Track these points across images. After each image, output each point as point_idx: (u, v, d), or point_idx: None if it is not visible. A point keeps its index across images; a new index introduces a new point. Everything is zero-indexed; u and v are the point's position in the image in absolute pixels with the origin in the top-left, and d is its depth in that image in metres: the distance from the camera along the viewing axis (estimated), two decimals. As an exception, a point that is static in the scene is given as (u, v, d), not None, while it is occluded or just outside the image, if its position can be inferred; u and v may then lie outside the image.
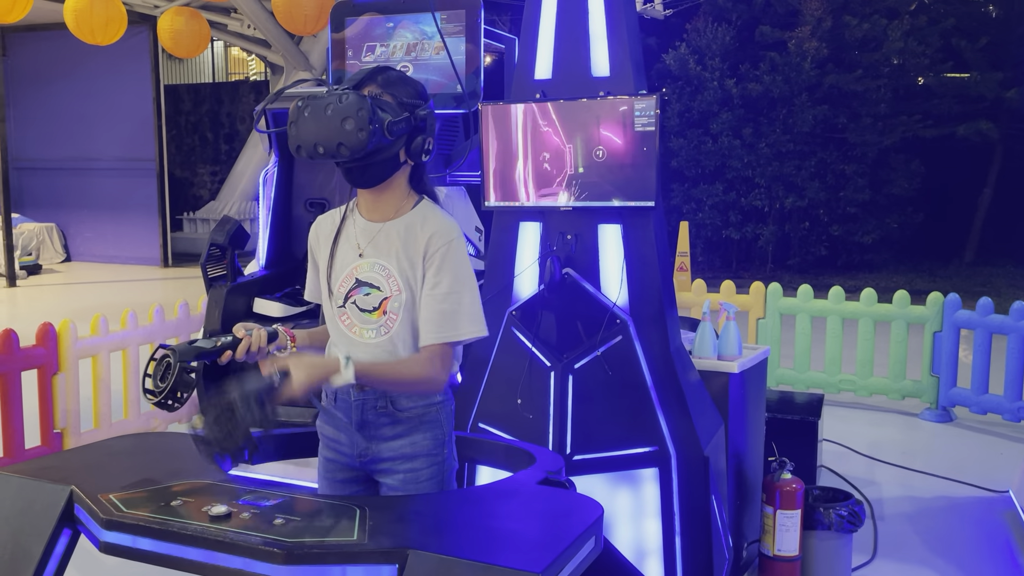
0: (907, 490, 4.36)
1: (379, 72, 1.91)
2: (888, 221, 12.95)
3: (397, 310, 1.91)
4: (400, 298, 1.91)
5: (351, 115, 1.79)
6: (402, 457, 1.95)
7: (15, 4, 7.42)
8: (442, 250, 1.89)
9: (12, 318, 9.12)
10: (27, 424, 4.14)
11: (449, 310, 1.88)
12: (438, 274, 1.89)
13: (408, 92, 1.92)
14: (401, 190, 1.97)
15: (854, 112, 12.78)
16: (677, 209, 13.04)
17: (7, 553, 1.65)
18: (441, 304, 1.88)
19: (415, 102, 1.92)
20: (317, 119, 1.80)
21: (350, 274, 1.96)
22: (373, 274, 1.94)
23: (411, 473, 1.95)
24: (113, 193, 13.89)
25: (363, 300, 1.94)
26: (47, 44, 13.65)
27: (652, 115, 2.67)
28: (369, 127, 1.79)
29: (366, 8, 4.66)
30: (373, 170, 1.90)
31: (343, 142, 1.79)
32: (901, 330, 5.60)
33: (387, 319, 1.92)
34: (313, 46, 12.83)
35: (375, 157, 1.87)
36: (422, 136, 1.92)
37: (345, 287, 1.96)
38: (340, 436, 2.01)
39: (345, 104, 1.79)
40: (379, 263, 1.94)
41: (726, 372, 3.13)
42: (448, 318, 1.87)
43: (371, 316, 1.93)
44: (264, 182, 4.52)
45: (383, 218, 1.96)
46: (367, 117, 1.79)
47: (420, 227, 1.93)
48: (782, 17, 13.29)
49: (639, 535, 2.83)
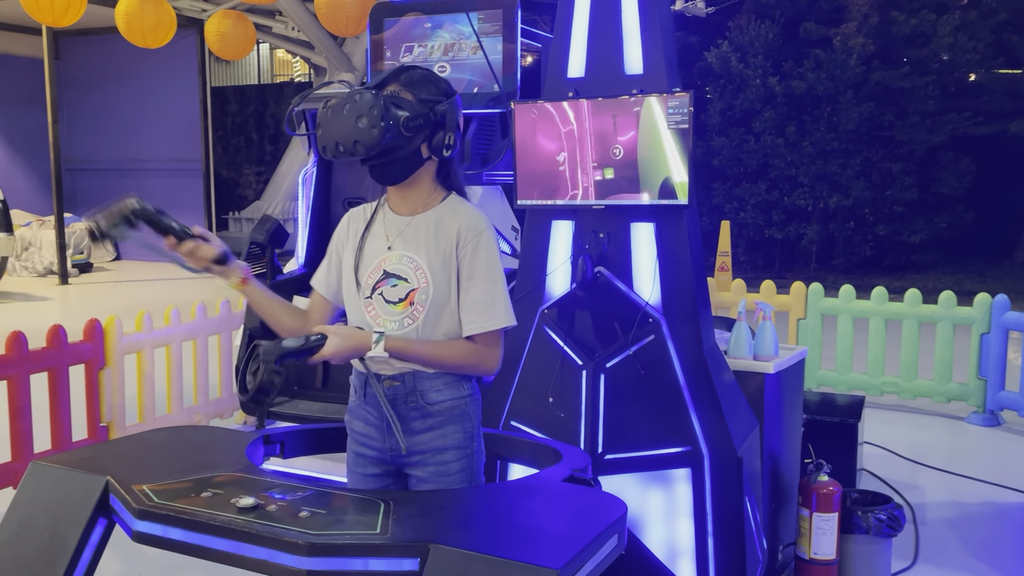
0: (951, 495, 4.26)
1: (403, 71, 1.95)
2: (937, 220, 12.67)
3: (424, 302, 1.94)
4: (428, 290, 1.94)
5: (364, 113, 1.84)
6: (432, 450, 1.98)
7: (68, 9, 7.62)
8: (473, 242, 1.93)
9: (64, 315, 9.37)
10: (74, 418, 4.25)
11: (488, 300, 1.93)
12: (472, 265, 1.93)
13: (430, 90, 1.95)
14: (428, 185, 2.00)
15: (901, 109, 12.53)
16: (719, 208, 12.91)
17: (44, 541, 1.70)
18: (481, 295, 1.93)
19: (436, 99, 1.94)
20: (336, 119, 1.87)
21: (378, 266, 2.00)
22: (401, 266, 1.97)
23: (441, 466, 1.98)
24: (162, 193, 14.18)
25: (390, 292, 1.97)
26: (99, 48, 14.01)
27: (685, 112, 2.65)
28: (382, 124, 1.84)
29: (404, 9, 4.69)
30: (395, 166, 1.94)
31: (358, 139, 1.85)
32: (947, 331, 5.48)
33: (413, 310, 1.95)
34: (355, 47, 12.96)
35: (395, 154, 1.91)
36: (443, 132, 1.95)
37: (373, 278, 2.00)
38: (370, 431, 2.04)
39: (360, 103, 1.85)
40: (407, 255, 1.97)
41: (762, 372, 3.09)
42: (488, 307, 1.93)
43: (396, 308, 1.96)
44: (303, 182, 4.58)
45: (412, 212, 2.00)
46: (380, 114, 1.84)
47: (450, 220, 1.96)
48: (827, 13, 13.08)
49: (671, 535, 2.81)
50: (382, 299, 1.98)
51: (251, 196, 16.99)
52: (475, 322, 1.93)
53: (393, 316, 1.96)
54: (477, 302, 1.93)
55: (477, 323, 1.93)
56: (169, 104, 13.91)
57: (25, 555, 1.71)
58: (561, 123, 2.83)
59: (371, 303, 1.99)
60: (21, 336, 3.96)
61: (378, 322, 1.98)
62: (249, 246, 4.28)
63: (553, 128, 2.84)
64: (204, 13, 12.02)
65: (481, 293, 1.93)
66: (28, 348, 3.98)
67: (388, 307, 1.97)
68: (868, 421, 4.91)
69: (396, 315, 1.96)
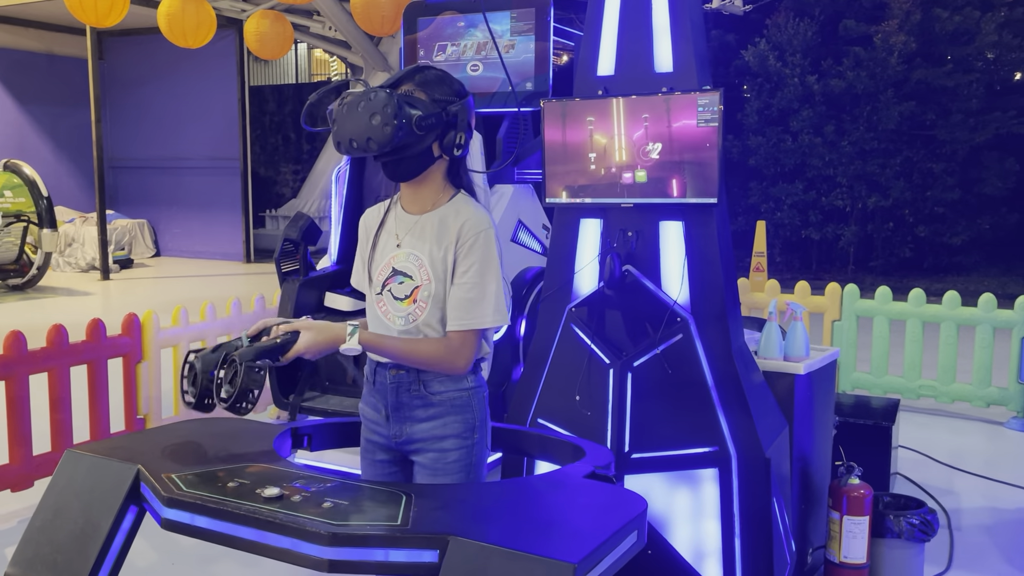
0: (989, 501, 4.18)
1: (417, 71, 2.00)
2: (979, 222, 12.41)
3: (426, 299, 2.00)
4: (429, 287, 2.00)
5: (377, 111, 1.89)
6: (432, 438, 2.04)
7: (112, 9, 7.78)
8: (471, 240, 1.97)
9: (104, 309, 9.57)
10: (112, 410, 4.35)
11: (475, 298, 1.96)
12: (466, 262, 1.97)
13: (443, 90, 1.99)
14: (437, 183, 2.05)
15: (943, 108, 12.29)
16: (755, 208, 12.78)
17: (78, 526, 1.75)
18: (468, 292, 1.96)
19: (448, 99, 1.99)
20: (351, 116, 1.92)
21: (388, 263, 2.06)
22: (408, 264, 2.03)
23: (440, 453, 2.03)
24: (200, 191, 14.43)
25: (397, 288, 2.04)
26: (141, 48, 14.27)
27: (715, 110, 2.64)
28: (394, 122, 1.89)
29: (439, 8, 4.72)
30: (406, 164, 1.99)
31: (371, 136, 1.90)
32: (987, 335, 5.37)
33: (416, 307, 2.01)
34: (391, 47, 13.05)
35: (406, 151, 1.96)
36: (454, 131, 1.99)
37: (383, 275, 2.07)
38: (378, 418, 2.11)
39: (374, 101, 1.90)
40: (414, 253, 2.03)
41: (792, 373, 3.06)
42: (473, 305, 1.96)
43: (402, 304, 2.03)
44: (336, 179, 4.63)
45: (421, 210, 2.06)
46: (392, 113, 1.89)
47: (453, 218, 2.01)
48: (868, 11, 12.88)
49: (698, 535, 2.80)
50: (391, 295, 2.04)
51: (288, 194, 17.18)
52: (456, 319, 1.97)
53: (400, 312, 2.03)
54: (462, 299, 1.97)
55: (457, 320, 1.97)
56: (208, 103, 14.13)
57: (59, 539, 1.76)
58: (590, 121, 2.83)
59: (382, 299, 2.06)
60: (62, 329, 4.06)
61: (388, 318, 2.05)
62: (283, 243, 4.34)
63: (582, 126, 2.84)
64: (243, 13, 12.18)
65: (467, 291, 1.96)
66: (69, 341, 4.08)
67: (396, 303, 2.04)
68: (904, 425, 4.83)
69: (402, 311, 2.03)
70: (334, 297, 4.30)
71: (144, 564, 3.39)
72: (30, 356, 3.89)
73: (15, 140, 13.63)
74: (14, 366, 3.82)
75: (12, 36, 13.45)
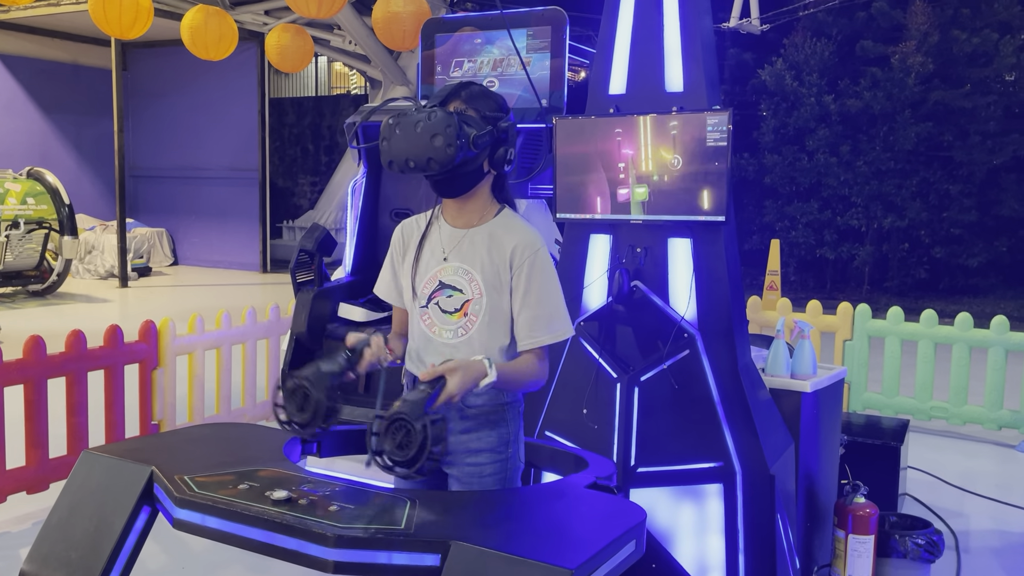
0: (998, 524, 4.16)
1: (463, 88, 2.02)
2: (997, 244, 12.35)
3: (478, 312, 2.01)
4: (481, 301, 2.01)
5: (440, 132, 1.90)
6: (468, 451, 2.04)
7: (136, 21, 7.92)
8: (529, 259, 2.00)
9: (122, 316, 9.69)
10: (128, 415, 4.41)
11: (544, 314, 2.00)
12: (528, 282, 2.00)
13: (490, 106, 2.02)
14: (484, 199, 2.07)
15: (961, 129, 12.27)
16: (770, 226, 12.78)
17: (92, 525, 1.80)
18: (536, 310, 2.00)
19: (497, 115, 2.02)
20: (408, 136, 1.92)
21: (434, 276, 2.07)
22: (456, 277, 2.04)
23: (475, 467, 2.04)
24: (219, 201, 14.59)
25: (446, 302, 2.04)
26: (164, 59, 14.48)
27: (724, 130, 2.68)
28: (457, 142, 1.90)
29: (456, 24, 4.79)
30: (459, 181, 2.01)
31: (432, 157, 1.91)
32: (999, 357, 5.35)
33: (467, 321, 2.02)
34: (410, 61, 13.18)
35: (461, 169, 1.98)
36: (504, 147, 2.02)
37: (429, 288, 2.07)
38: None
39: (434, 121, 1.90)
40: (463, 267, 2.04)
41: (798, 391, 3.08)
42: (544, 322, 2.00)
43: (451, 317, 2.04)
44: (352, 192, 4.69)
45: (467, 225, 2.07)
46: (455, 133, 1.90)
47: (505, 237, 2.03)
48: (886, 32, 12.90)
49: (702, 550, 2.82)
50: (438, 309, 2.05)
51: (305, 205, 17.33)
52: (533, 336, 2.00)
53: (448, 326, 2.04)
54: (536, 317, 2.00)
55: (535, 337, 2.00)
56: (229, 114, 14.30)
57: (73, 537, 1.81)
58: (601, 138, 2.87)
59: (427, 312, 2.07)
60: (80, 335, 4.14)
61: (433, 331, 2.06)
62: (298, 253, 4.40)
63: (593, 143, 2.89)
64: (265, 27, 12.36)
65: (538, 308, 2.00)
66: (86, 347, 4.15)
67: (444, 316, 2.04)
68: (915, 446, 4.82)
69: (451, 325, 2.04)
70: (348, 308, 4.36)
71: (155, 566, 3.44)
72: (49, 361, 3.97)
73: (39, 148, 13.85)
74: (33, 370, 3.89)
75: (39, 46, 13.69)
